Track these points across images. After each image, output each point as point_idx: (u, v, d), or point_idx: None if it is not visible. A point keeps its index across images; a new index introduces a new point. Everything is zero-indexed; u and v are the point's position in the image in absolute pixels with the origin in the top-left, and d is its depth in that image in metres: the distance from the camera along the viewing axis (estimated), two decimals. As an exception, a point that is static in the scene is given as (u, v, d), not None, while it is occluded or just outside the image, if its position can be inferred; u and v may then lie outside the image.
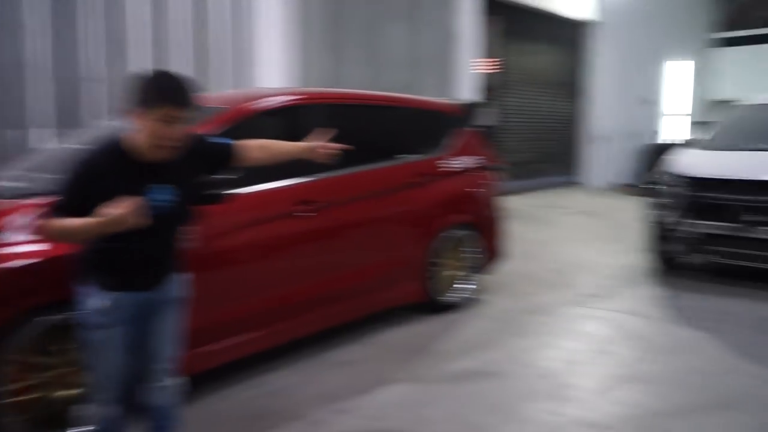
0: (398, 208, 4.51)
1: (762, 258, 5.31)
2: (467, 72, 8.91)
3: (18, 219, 2.80)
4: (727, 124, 6.67)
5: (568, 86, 11.71)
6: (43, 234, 2.18)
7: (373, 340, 4.28)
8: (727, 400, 3.34)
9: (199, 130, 3.05)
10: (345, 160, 4.14)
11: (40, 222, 2.17)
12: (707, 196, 5.49)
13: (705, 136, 6.59)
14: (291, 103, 4.06)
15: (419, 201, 4.64)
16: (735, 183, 5.39)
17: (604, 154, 12.12)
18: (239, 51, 6.54)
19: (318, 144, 2.66)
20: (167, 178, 2.18)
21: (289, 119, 4.03)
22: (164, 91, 2.07)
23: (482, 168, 5.24)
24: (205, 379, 3.37)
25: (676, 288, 5.58)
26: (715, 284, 5.63)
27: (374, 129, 4.70)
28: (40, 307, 2.76)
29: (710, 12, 16.17)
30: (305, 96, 4.24)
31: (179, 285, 2.40)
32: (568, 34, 11.41)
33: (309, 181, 3.89)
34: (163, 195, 2.16)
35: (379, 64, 7.84)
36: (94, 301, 2.22)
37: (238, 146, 2.50)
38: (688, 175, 5.67)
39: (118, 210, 1.93)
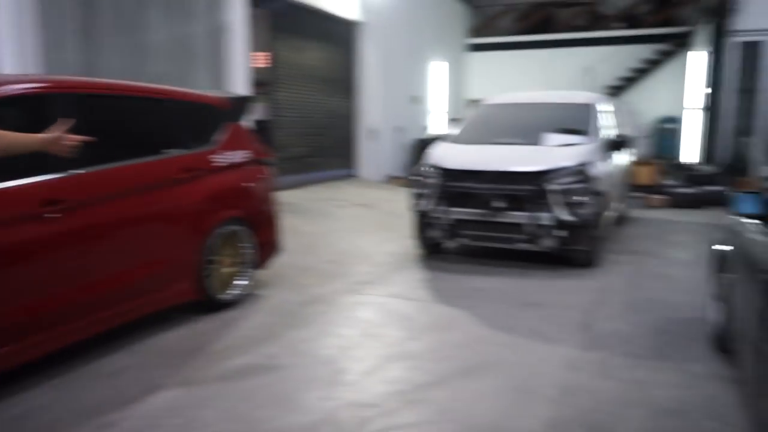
0: (166, 204, 4.31)
1: (506, 239, 6.05)
2: (240, 66, 8.77)
3: None
4: (471, 120, 7.46)
5: (342, 83, 12.14)
6: None
7: (144, 345, 4.05)
8: (481, 366, 3.75)
9: None
10: (102, 155, 3.89)
11: None
12: (457, 186, 6.12)
13: (454, 131, 7.30)
14: (33, 91, 3.63)
15: (189, 197, 4.48)
16: (479, 173, 6.06)
17: (378, 148, 12.81)
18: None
19: (56, 135, 2.42)
20: None
21: (32, 110, 3.61)
22: None
23: (255, 162, 5.22)
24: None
25: (438, 270, 6.11)
26: (471, 265, 6.28)
27: (136, 122, 4.42)
28: None
29: (465, 19, 17.96)
30: (51, 84, 3.80)
31: None
32: (338, 32, 11.81)
33: (57, 179, 3.54)
34: None
35: (142, 54, 7.35)
36: None
37: None
38: (441, 167, 6.26)
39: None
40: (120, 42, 7.02)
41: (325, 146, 11.53)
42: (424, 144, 11.76)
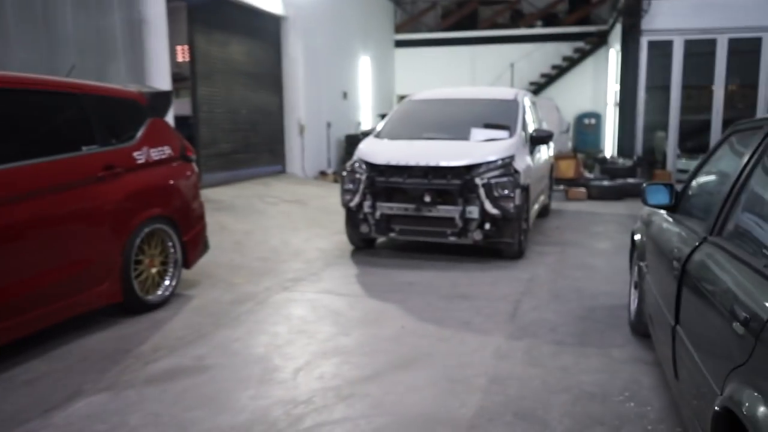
0: (85, 203, 4.14)
1: (435, 233, 6.14)
2: (160, 60, 8.50)
3: None
4: (397, 116, 7.52)
5: (269, 78, 11.96)
6: None
7: (65, 350, 3.88)
8: (413, 359, 3.80)
9: None
10: (14, 152, 3.69)
11: None
12: (385, 181, 6.16)
13: (380, 127, 7.34)
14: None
15: (109, 195, 4.32)
16: (407, 168, 6.13)
17: (308, 144, 12.71)
18: None
19: None
20: None
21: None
22: None
23: (179, 159, 5.08)
24: None
25: (369, 265, 6.14)
26: (401, 259, 6.34)
27: (50, 118, 4.21)
28: None
29: (390, 15, 18.08)
30: None
31: None
32: (263, 26, 11.62)
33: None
34: None
35: (54, 47, 7.00)
36: None
37: None
38: (368, 162, 6.29)
39: None
40: (31, 34, 6.66)
41: (253, 142, 11.34)
42: (355, 140, 11.77)
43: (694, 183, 3.39)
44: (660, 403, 3.21)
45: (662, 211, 3.61)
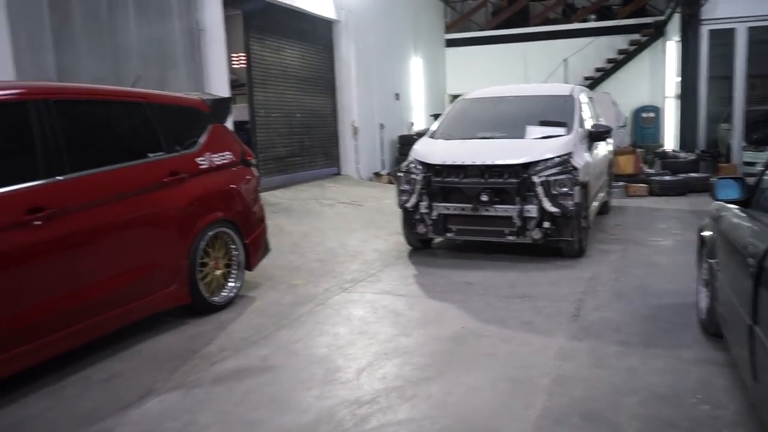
0: (152, 208, 4.28)
1: (493, 233, 6.08)
2: (218, 67, 8.72)
3: None
4: (452, 115, 7.47)
5: (322, 81, 12.10)
6: None
7: (136, 350, 4.03)
8: (474, 360, 3.78)
9: None
10: (85, 161, 3.86)
11: None
12: (442, 181, 6.14)
13: (435, 127, 7.31)
14: (7, 98, 3.57)
15: (175, 200, 4.45)
16: (463, 167, 6.09)
17: (362, 145, 12.80)
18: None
19: None
20: None
21: (7, 117, 3.55)
22: None
23: (240, 164, 5.20)
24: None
25: (427, 266, 6.13)
26: (459, 259, 6.31)
27: (117, 127, 4.39)
28: None
29: (441, 15, 18.02)
30: (26, 90, 3.74)
31: None
32: (316, 30, 11.77)
33: (40, 185, 3.51)
34: None
35: (120, 58, 7.27)
36: None
37: None
38: (425, 162, 6.28)
39: None
40: (95, 45, 6.94)
41: (308, 145, 11.50)
42: (408, 140, 11.77)
43: None
44: (736, 406, 3.09)
45: (733, 206, 3.48)
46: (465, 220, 6.12)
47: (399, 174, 6.54)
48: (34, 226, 3.38)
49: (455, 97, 10.69)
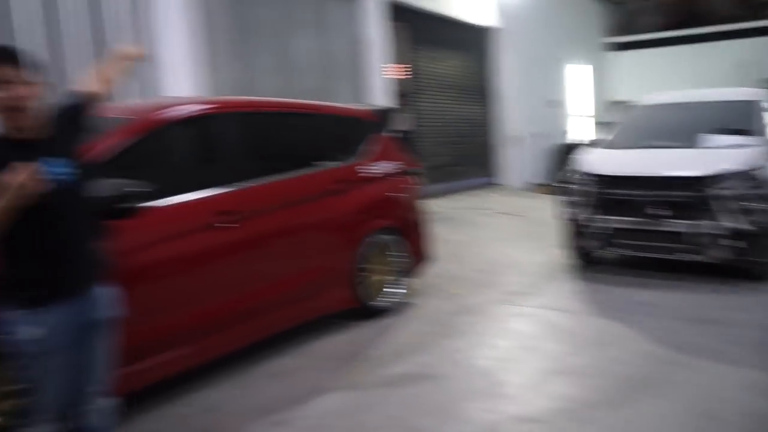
0: (321, 215, 4.47)
1: (666, 249, 5.62)
2: (378, 78, 8.98)
3: None
4: (625, 124, 7.03)
5: (480, 90, 12.04)
6: None
7: (306, 349, 4.22)
8: (651, 386, 3.50)
9: (106, 143, 2.94)
10: (265, 169, 4.13)
11: None
12: (613, 193, 5.77)
13: (607, 135, 6.93)
14: (202, 112, 3.92)
15: (342, 207, 4.61)
16: (637, 179, 5.69)
17: (519, 155, 12.54)
18: (141, 63, 6.23)
19: (119, 50, 2.61)
20: (50, 152, 2.13)
21: (200, 129, 3.90)
22: None
23: (402, 172, 5.29)
24: (136, 398, 3.20)
25: (594, 282, 5.82)
26: (629, 276, 5.92)
27: (291, 137, 4.65)
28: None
29: (603, 18, 17.15)
30: (217, 105, 4.11)
31: (108, 301, 2.33)
32: (474, 39, 11.74)
33: (228, 192, 3.80)
34: (58, 167, 2.12)
35: (290, 71, 7.75)
36: (26, 329, 2.11)
37: (82, 91, 2.43)
38: (595, 173, 5.94)
39: (14, 177, 1.90)
40: (269, 61, 7.46)
41: (464, 154, 11.49)
42: (566, 149, 11.33)
43: None
44: None
45: None
46: (636, 235, 5.73)
47: (564, 184, 6.28)
48: (225, 228, 3.66)
49: (620, 103, 10.11)
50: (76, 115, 2.35)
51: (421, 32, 10.26)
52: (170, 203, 3.44)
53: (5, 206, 1.93)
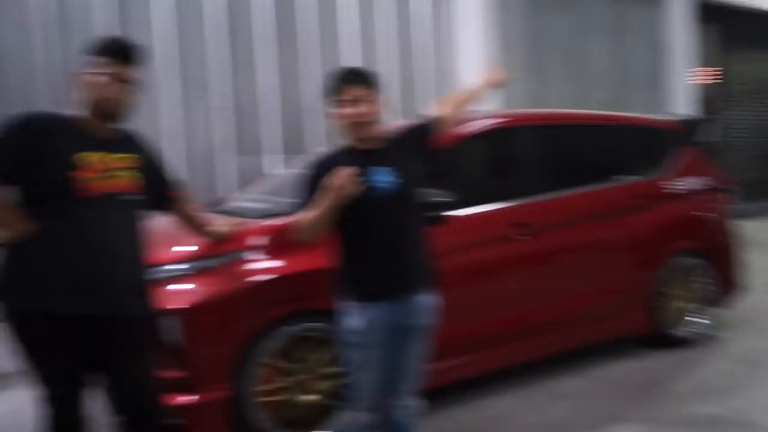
0: (618, 232, 4.20)
1: None
2: (681, 85, 8.19)
3: (260, 237, 3.04)
4: None
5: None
6: (297, 236, 2.35)
7: (595, 372, 4.01)
8: None
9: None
10: (560, 182, 4.04)
11: (292, 227, 2.40)
12: None
13: None
14: (498, 125, 3.98)
15: (641, 225, 4.28)
16: None
17: None
18: (442, 75, 6.61)
19: (486, 76, 2.57)
20: (384, 162, 2.32)
21: (496, 142, 3.96)
22: (340, 76, 2.32)
23: (711, 189, 4.73)
24: (425, 397, 3.37)
25: None
26: None
27: (587, 150, 4.47)
28: (283, 318, 2.97)
29: None
30: (512, 118, 4.14)
31: (428, 310, 2.44)
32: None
33: (523, 204, 3.80)
34: (384, 176, 2.29)
35: (584, 81, 7.51)
36: (352, 320, 2.34)
37: (433, 116, 2.55)
38: None
39: (336, 180, 2.14)
40: (562, 72, 7.32)
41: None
42: None
43: None
44: None
45: None
46: None
47: None
48: (519, 240, 3.67)
49: None
50: (421, 135, 2.54)
51: (734, 31, 9.15)
52: (469, 213, 3.55)
53: (328, 205, 2.19)
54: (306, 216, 2.27)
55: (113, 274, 2.18)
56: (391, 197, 2.29)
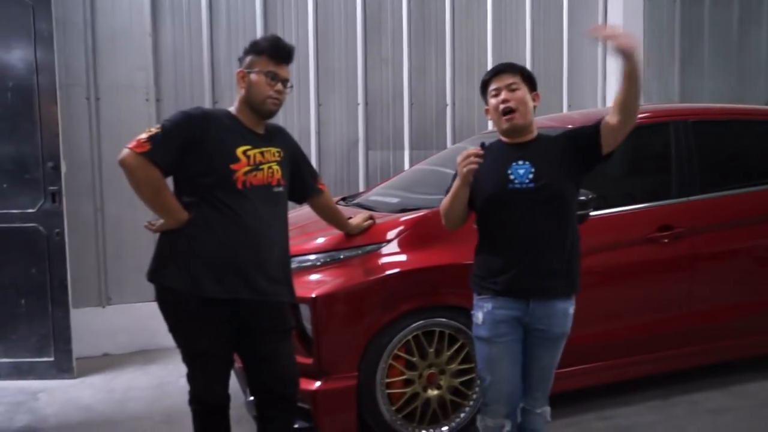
0: None
1: None
2: None
3: (396, 231, 3.10)
4: None
5: None
6: (441, 223, 2.47)
7: (739, 389, 3.74)
8: None
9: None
10: (713, 183, 3.74)
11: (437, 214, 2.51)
12: None
13: None
14: (646, 121, 3.70)
15: None
16: None
17: None
18: (590, 68, 6.39)
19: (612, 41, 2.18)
20: (529, 157, 2.30)
21: (642, 139, 3.74)
22: (493, 68, 2.42)
23: None
24: (555, 402, 3.30)
25: None
26: None
27: (744, 148, 4.14)
28: (414, 311, 3.00)
29: None
30: (660, 113, 3.88)
31: (564, 316, 2.34)
32: None
33: (669, 205, 3.59)
34: (522, 170, 2.29)
35: (742, 75, 7.00)
36: (479, 313, 2.35)
37: (603, 121, 2.30)
38: None
39: (459, 158, 2.26)
40: (720, 65, 6.85)
41: None
42: None
43: None
44: None
45: None
46: None
47: None
48: (662, 243, 3.47)
49: None
50: (581, 140, 2.35)
51: None
52: (613, 213, 3.43)
53: (456, 185, 2.32)
54: (443, 201, 2.42)
55: (265, 262, 2.32)
56: (528, 193, 2.26)
